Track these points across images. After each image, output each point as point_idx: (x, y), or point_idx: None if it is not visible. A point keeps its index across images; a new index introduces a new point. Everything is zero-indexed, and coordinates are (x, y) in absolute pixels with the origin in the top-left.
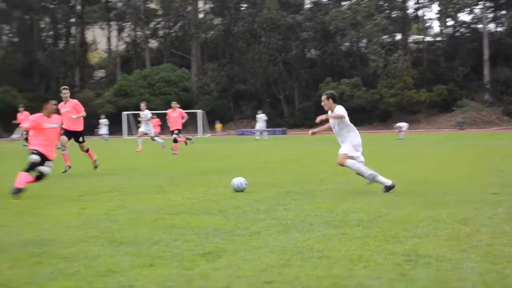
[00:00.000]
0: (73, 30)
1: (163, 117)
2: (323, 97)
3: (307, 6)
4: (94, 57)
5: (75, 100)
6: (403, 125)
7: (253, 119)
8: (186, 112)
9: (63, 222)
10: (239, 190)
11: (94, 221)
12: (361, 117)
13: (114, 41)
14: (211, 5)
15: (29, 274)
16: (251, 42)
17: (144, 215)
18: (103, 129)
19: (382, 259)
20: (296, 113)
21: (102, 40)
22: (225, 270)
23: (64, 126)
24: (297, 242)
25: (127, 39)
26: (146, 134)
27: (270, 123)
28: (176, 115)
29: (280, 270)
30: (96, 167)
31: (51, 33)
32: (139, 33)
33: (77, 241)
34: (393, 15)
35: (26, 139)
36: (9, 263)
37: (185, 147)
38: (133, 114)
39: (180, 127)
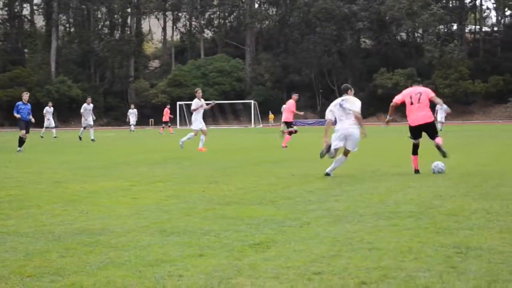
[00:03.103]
0: (129, 20)
1: None
2: None
3: None
4: (149, 47)
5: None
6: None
7: (307, 109)
8: (239, 103)
9: (115, 211)
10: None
11: (145, 210)
12: None
13: (169, 31)
14: None
15: (79, 263)
16: (306, 32)
17: (196, 205)
18: (132, 119)
19: (433, 251)
20: None
21: (158, 30)
22: (274, 261)
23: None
24: (347, 233)
25: (182, 29)
26: None
27: (323, 114)
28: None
29: (329, 261)
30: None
31: (107, 23)
32: (194, 23)
33: (128, 230)
34: (450, 5)
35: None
36: (60, 252)
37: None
38: (186, 104)
39: None
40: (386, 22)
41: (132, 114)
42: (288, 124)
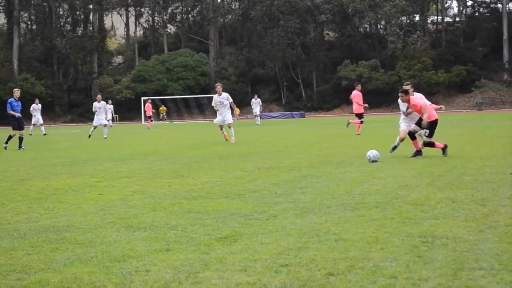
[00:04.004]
0: (91, 16)
1: None
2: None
3: None
4: (112, 43)
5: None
6: None
7: (271, 103)
8: (204, 97)
9: (80, 208)
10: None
11: (111, 206)
12: (379, 99)
13: (132, 26)
14: None
15: (46, 260)
16: (269, 26)
17: (162, 200)
18: (109, 114)
19: (399, 241)
20: (314, 96)
21: (120, 26)
22: (241, 254)
23: None
24: (313, 225)
25: (145, 25)
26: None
27: (288, 107)
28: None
29: (296, 253)
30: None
31: (69, 19)
32: (157, 18)
33: (94, 226)
34: None
35: None
36: (26, 250)
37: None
38: (151, 99)
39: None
40: (349, 14)
41: (109, 110)
42: (359, 115)
